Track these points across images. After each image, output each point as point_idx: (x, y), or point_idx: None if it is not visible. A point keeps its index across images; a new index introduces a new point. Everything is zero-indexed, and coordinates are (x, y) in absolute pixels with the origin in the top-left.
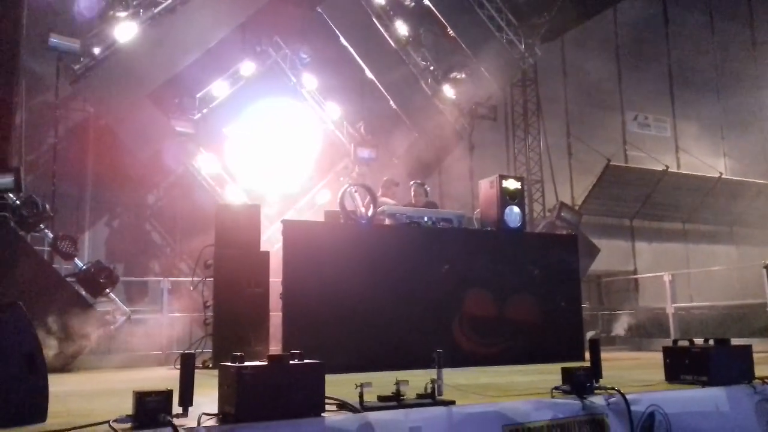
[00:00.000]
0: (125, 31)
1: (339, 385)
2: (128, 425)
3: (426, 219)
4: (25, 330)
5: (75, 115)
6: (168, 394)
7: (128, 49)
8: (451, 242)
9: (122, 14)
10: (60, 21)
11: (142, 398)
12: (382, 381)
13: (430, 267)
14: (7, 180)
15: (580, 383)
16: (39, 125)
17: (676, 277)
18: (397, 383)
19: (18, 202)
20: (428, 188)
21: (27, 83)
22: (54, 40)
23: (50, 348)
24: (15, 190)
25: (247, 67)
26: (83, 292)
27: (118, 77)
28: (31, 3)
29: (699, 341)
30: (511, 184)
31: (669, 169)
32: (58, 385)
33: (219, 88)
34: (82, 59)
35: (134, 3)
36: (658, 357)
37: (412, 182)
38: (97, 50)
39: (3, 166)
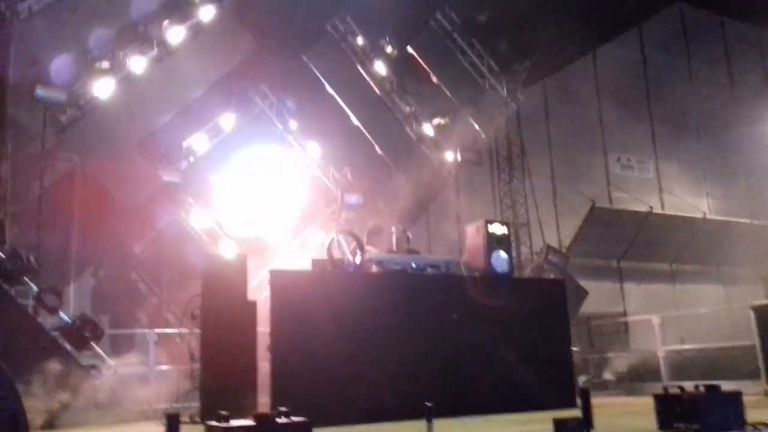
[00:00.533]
0: (108, 84)
1: None
2: None
3: (414, 265)
4: (7, 391)
5: (61, 165)
6: None
7: (114, 100)
8: (440, 288)
9: (106, 66)
10: (47, 73)
11: None
12: None
13: (419, 314)
14: None
15: None
16: (24, 176)
17: (665, 319)
18: None
19: (2, 255)
20: (410, 235)
21: (13, 135)
22: (40, 92)
23: (34, 405)
24: None
25: (233, 116)
26: (68, 347)
27: (104, 128)
28: (17, 55)
29: (690, 386)
30: (498, 229)
31: (653, 210)
32: None
33: (205, 137)
34: (68, 110)
35: (120, 54)
36: (650, 403)
37: (393, 227)
38: (82, 102)
39: None
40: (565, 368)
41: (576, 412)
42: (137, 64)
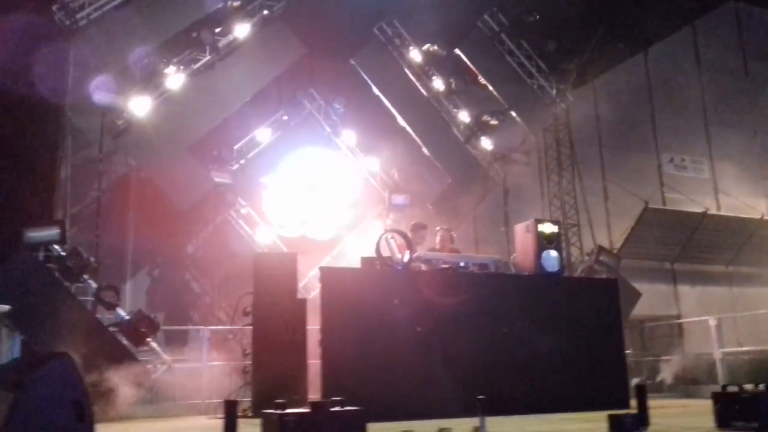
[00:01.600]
0: (163, 89)
1: None
2: None
3: (462, 264)
4: (73, 379)
5: (118, 168)
6: None
7: (168, 104)
8: (489, 288)
9: (162, 71)
10: (104, 79)
11: None
12: (425, 429)
13: (469, 313)
14: (52, 232)
15: (627, 430)
16: (83, 179)
17: (722, 321)
18: (440, 431)
19: (63, 253)
20: (454, 234)
21: (72, 139)
22: (98, 97)
23: (93, 398)
24: (60, 241)
25: (282, 119)
26: (125, 342)
27: (158, 131)
28: (77, 63)
29: (749, 387)
30: (548, 228)
31: (709, 211)
32: None
33: (256, 139)
34: (125, 115)
35: (174, 60)
36: (706, 404)
37: (438, 228)
38: (139, 106)
39: (49, 219)
40: (619, 368)
41: (631, 412)
42: (190, 70)
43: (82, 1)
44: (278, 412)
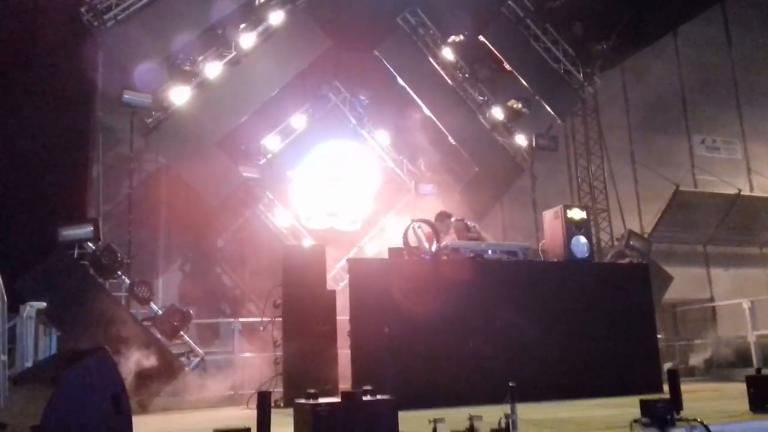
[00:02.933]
0: (183, 92)
1: (411, 421)
2: None
3: (490, 252)
4: (111, 373)
5: (148, 165)
6: (246, 431)
7: (196, 101)
8: (518, 275)
9: (189, 69)
10: (133, 78)
11: None
12: (455, 417)
13: (498, 300)
14: (86, 230)
15: (661, 416)
16: (115, 177)
17: (756, 304)
18: (471, 419)
19: (96, 251)
20: (470, 224)
21: (103, 138)
22: (127, 96)
23: (128, 390)
24: (94, 239)
25: (308, 112)
26: (159, 335)
27: (187, 128)
28: (105, 61)
29: None
30: (576, 214)
31: (742, 193)
32: (137, 426)
33: (283, 133)
34: (154, 113)
35: (200, 58)
36: (741, 388)
37: (453, 219)
38: (166, 104)
39: (82, 217)
40: (651, 353)
41: (664, 397)
42: (216, 67)
43: (110, 2)
44: (310, 402)
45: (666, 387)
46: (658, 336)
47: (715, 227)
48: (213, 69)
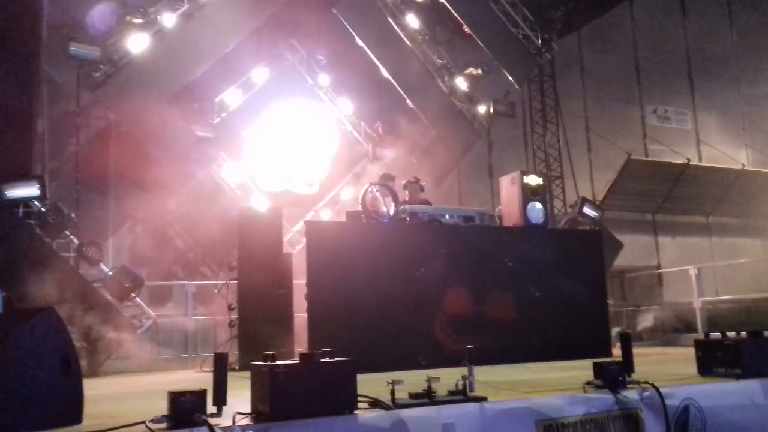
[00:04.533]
0: (142, 39)
1: (368, 384)
2: (164, 425)
3: (447, 217)
4: (59, 333)
5: (96, 122)
6: (202, 393)
7: (146, 55)
8: (474, 240)
9: (139, 21)
10: (80, 29)
11: (177, 398)
12: (413, 379)
13: (454, 265)
14: (32, 188)
15: (613, 378)
16: (61, 133)
17: (701, 271)
18: (429, 380)
19: (43, 209)
20: (423, 184)
21: (48, 92)
22: (74, 48)
23: (78, 353)
24: (40, 197)
25: (264, 70)
26: (109, 297)
27: (137, 84)
28: (51, 13)
29: (731, 334)
30: (533, 180)
31: (690, 162)
32: (88, 389)
33: (236, 92)
34: (102, 67)
35: (151, 10)
36: (687, 352)
37: (404, 181)
38: (116, 57)
39: (27, 174)
40: (601, 317)
41: (616, 359)
42: (169, 18)
43: None
44: (268, 363)
45: (615, 351)
46: (608, 302)
47: (664, 196)
48: (166, 21)
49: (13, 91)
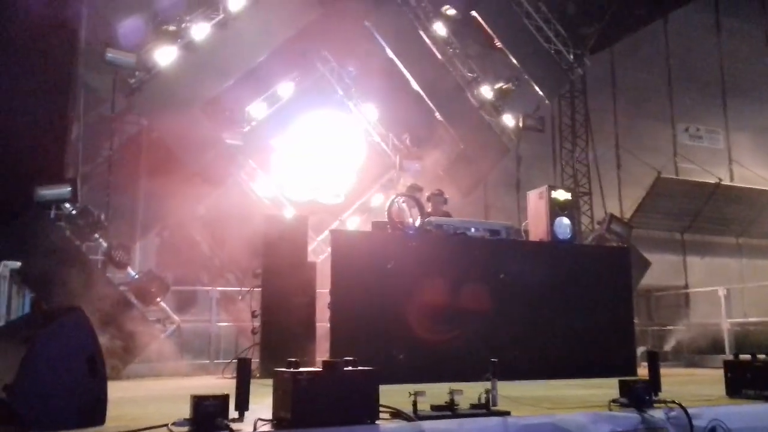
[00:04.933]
0: (170, 51)
1: (390, 395)
2: (186, 428)
3: (473, 230)
4: (86, 334)
5: (129, 127)
6: (225, 398)
7: (180, 63)
8: (501, 253)
9: (174, 29)
10: (117, 36)
11: (200, 402)
12: (435, 391)
13: (480, 278)
14: (63, 190)
15: (639, 396)
16: (95, 138)
17: (730, 292)
18: (451, 393)
19: (74, 211)
20: (447, 197)
21: (84, 97)
22: (111, 55)
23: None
24: (71, 200)
25: (294, 81)
26: (135, 301)
27: (170, 91)
28: (89, 19)
29: (761, 356)
30: (561, 195)
31: (722, 182)
32: (110, 392)
33: (267, 101)
34: (137, 73)
35: (186, 18)
36: (714, 373)
37: (428, 193)
38: (151, 64)
39: (60, 177)
40: (627, 336)
41: (642, 378)
42: (203, 28)
43: None
44: (290, 370)
45: (639, 371)
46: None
47: (694, 216)
48: (199, 30)
49: (49, 96)
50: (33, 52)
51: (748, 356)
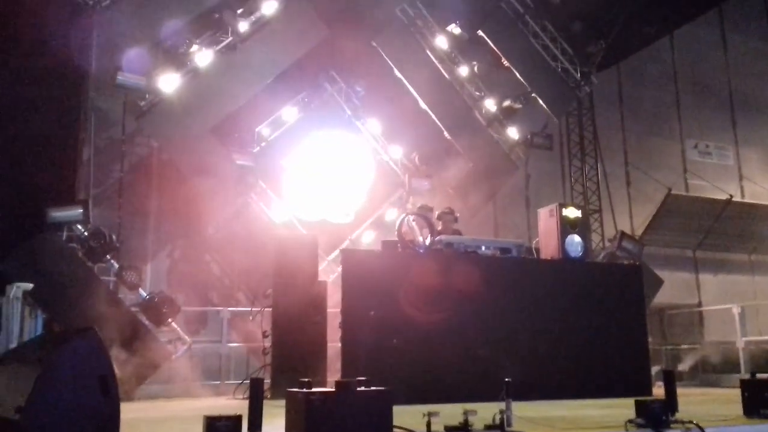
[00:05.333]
0: (185, 71)
1: (404, 415)
2: None
3: (484, 248)
4: (99, 354)
5: (140, 149)
6: (238, 419)
7: (190, 85)
8: (511, 272)
9: (184, 52)
10: (126, 60)
11: (212, 423)
12: (449, 412)
13: (490, 296)
14: (75, 212)
15: (656, 416)
16: (106, 160)
17: (744, 310)
18: (465, 413)
19: (86, 233)
20: (458, 215)
21: (95, 120)
22: (121, 78)
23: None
24: (83, 222)
25: (303, 102)
26: (146, 322)
27: (180, 113)
28: (99, 42)
29: None
30: (572, 213)
31: (733, 198)
32: (123, 412)
33: (277, 121)
34: (147, 96)
35: (197, 41)
36: (730, 393)
37: (438, 211)
38: (167, 83)
39: (71, 199)
40: (641, 355)
41: (659, 398)
42: (212, 51)
43: None
44: (303, 391)
45: (655, 390)
46: None
47: (706, 232)
48: (208, 54)
49: (61, 119)
50: (45, 77)
51: (765, 375)
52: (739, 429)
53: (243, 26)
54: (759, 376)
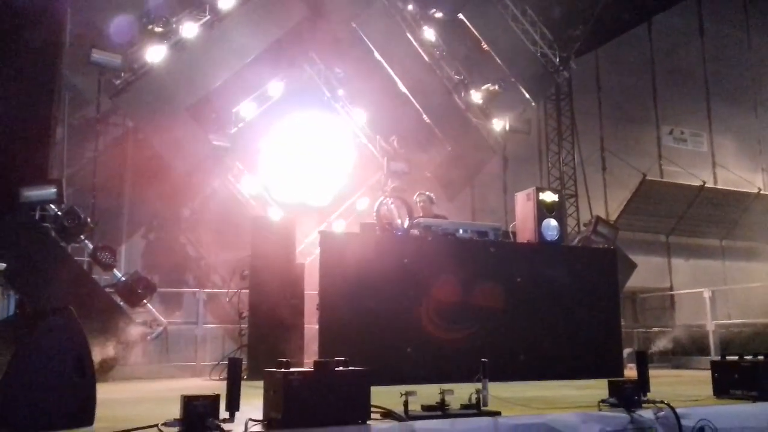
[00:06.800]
0: (160, 50)
1: (381, 395)
2: (176, 429)
3: (461, 231)
4: (75, 333)
5: (115, 129)
6: (215, 398)
7: (166, 64)
8: (488, 255)
9: (160, 30)
10: (102, 37)
11: (190, 402)
12: (426, 392)
13: (467, 279)
14: (49, 191)
15: (628, 396)
16: (80, 139)
17: (715, 294)
18: (442, 393)
19: (59, 213)
20: (433, 197)
21: (69, 98)
22: (96, 55)
23: None
24: (57, 201)
25: (282, 83)
26: (121, 303)
27: (156, 92)
28: (74, 20)
29: (747, 357)
30: (549, 197)
31: (706, 185)
32: (98, 393)
33: (254, 103)
34: (122, 74)
35: (173, 20)
36: (700, 374)
37: (417, 194)
38: (137, 66)
39: (45, 178)
40: (614, 337)
41: (631, 378)
42: (190, 29)
43: None
44: (282, 370)
45: (626, 372)
46: None
47: (679, 218)
48: (186, 31)
49: (33, 97)
50: (16, 52)
51: (734, 357)
52: (709, 408)
53: (222, 3)
54: (728, 357)
